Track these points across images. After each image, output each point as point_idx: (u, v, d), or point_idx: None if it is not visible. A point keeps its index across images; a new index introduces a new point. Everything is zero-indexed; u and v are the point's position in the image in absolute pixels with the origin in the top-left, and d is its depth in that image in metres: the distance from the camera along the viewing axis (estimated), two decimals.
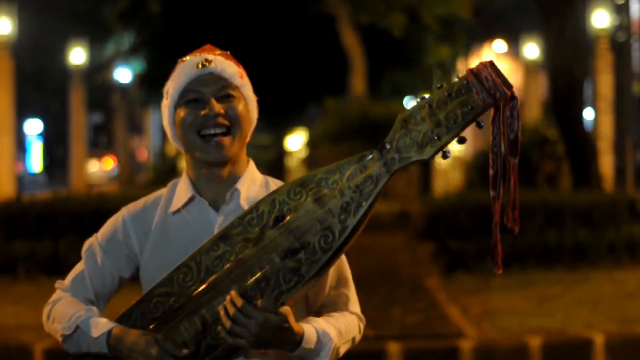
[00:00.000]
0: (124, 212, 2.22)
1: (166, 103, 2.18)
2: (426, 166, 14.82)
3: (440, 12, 15.78)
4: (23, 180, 28.49)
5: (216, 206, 2.14)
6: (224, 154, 2.10)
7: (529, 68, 22.96)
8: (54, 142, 35.45)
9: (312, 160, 14.72)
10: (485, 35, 25.97)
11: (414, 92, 23.62)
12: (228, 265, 2.01)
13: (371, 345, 5.80)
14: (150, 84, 18.71)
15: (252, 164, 2.21)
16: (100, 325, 2.09)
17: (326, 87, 16.80)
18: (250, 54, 12.84)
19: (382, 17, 14.78)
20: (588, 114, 16.42)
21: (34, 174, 34.78)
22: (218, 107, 2.10)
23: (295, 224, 1.97)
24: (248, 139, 2.18)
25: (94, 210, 8.61)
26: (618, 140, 15.23)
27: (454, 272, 8.55)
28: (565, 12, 11.53)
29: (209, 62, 2.16)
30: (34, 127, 35.35)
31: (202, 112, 2.10)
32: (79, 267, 2.25)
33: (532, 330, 6.25)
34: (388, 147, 1.97)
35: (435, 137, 1.93)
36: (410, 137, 1.95)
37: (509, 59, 29.38)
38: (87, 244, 2.26)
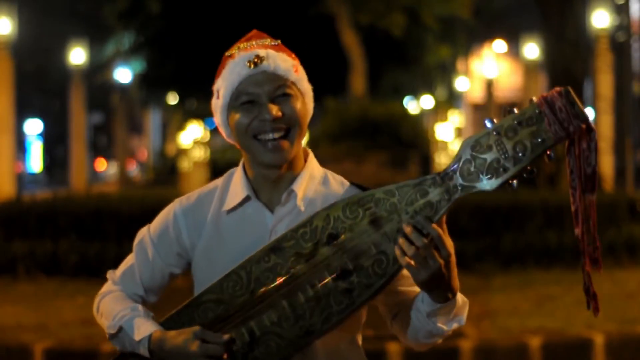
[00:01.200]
0: (177, 205, 2.13)
1: (218, 103, 2.05)
2: (426, 166, 14.83)
3: (440, 12, 15.77)
4: (23, 180, 28.49)
5: (271, 206, 2.05)
6: (282, 157, 2.00)
7: (529, 68, 22.97)
8: (54, 142, 35.44)
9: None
10: (485, 35, 25.99)
11: (414, 92, 23.63)
12: (279, 278, 1.95)
13: (371, 345, 5.79)
14: (150, 84, 18.71)
15: (311, 157, 2.11)
16: (143, 328, 2.03)
17: (326, 87, 16.80)
18: None
19: (382, 17, 14.78)
20: (588, 114, 16.42)
21: (34, 174, 34.79)
22: (275, 110, 1.98)
23: (350, 245, 1.91)
24: (305, 133, 2.07)
25: (94, 210, 8.62)
26: (618, 140, 15.24)
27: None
28: (565, 12, 11.54)
29: (261, 59, 2.02)
30: (34, 127, 35.36)
31: (260, 116, 1.98)
32: (130, 259, 2.17)
33: (532, 330, 6.25)
34: (451, 173, 1.88)
35: (502, 169, 1.83)
36: (474, 164, 1.85)
37: (509, 59, 29.39)
38: (139, 236, 2.17)
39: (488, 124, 1.85)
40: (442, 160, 15.87)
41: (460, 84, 28.65)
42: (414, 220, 1.86)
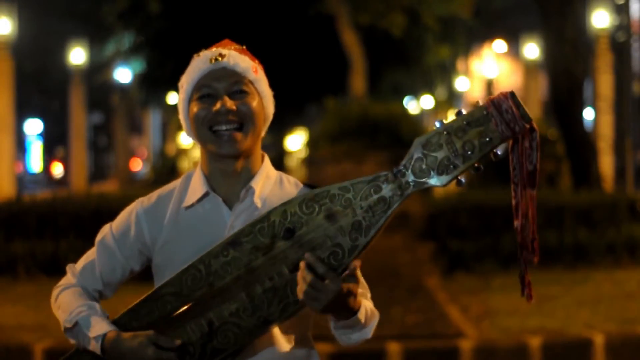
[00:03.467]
0: (138, 206, 2.23)
1: (181, 97, 2.17)
2: None
3: (440, 12, 15.77)
4: (23, 180, 28.48)
5: (230, 203, 2.14)
6: (236, 147, 2.10)
7: (529, 68, 22.97)
8: (54, 142, 35.44)
9: (312, 160, 14.76)
10: (485, 35, 25.97)
11: (414, 92, 23.62)
12: (237, 272, 2.02)
13: (371, 345, 5.80)
14: (150, 84, 18.70)
15: (267, 159, 2.20)
16: (98, 326, 2.11)
17: (326, 87, 16.78)
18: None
19: (382, 17, 14.77)
20: (588, 114, 16.42)
21: (34, 174, 34.78)
22: (230, 104, 2.10)
23: (306, 238, 1.98)
24: (263, 134, 2.18)
25: (94, 210, 8.61)
26: (618, 140, 15.23)
27: (454, 272, 8.55)
28: (565, 12, 11.53)
29: (222, 56, 2.14)
30: (34, 127, 35.35)
31: (214, 108, 2.10)
32: (90, 254, 2.26)
33: (532, 330, 6.25)
34: (403, 170, 1.97)
35: (452, 166, 1.93)
36: (426, 162, 1.95)
37: (509, 59, 29.39)
38: (101, 234, 2.26)
39: (438, 124, 1.95)
40: None
41: (460, 84, 28.64)
42: (308, 256, 1.95)
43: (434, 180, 1.94)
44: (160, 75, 17.80)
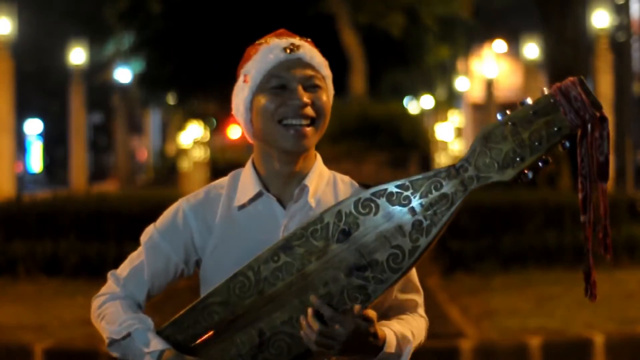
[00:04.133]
0: (183, 203, 2.10)
1: (244, 86, 2.02)
2: (426, 166, 14.83)
3: (440, 12, 15.77)
4: (23, 180, 28.49)
5: (283, 202, 2.04)
6: (304, 143, 1.99)
7: (529, 68, 22.98)
8: (54, 142, 35.44)
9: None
10: (485, 35, 25.98)
11: (414, 92, 23.62)
12: (289, 278, 1.91)
13: None
14: (150, 84, 18.70)
15: (319, 158, 2.10)
16: (155, 342, 2.00)
17: None
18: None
19: (381, 17, 14.78)
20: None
21: (34, 174, 34.78)
22: (307, 97, 1.98)
23: (362, 240, 1.88)
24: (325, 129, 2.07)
25: (94, 210, 8.61)
26: (618, 140, 15.23)
27: (454, 272, 8.55)
28: (565, 12, 11.54)
29: (297, 47, 2.03)
30: (34, 127, 35.35)
31: (289, 101, 1.97)
32: (135, 257, 2.12)
33: (532, 330, 6.25)
34: (466, 165, 1.87)
35: (518, 159, 1.82)
36: (490, 156, 1.84)
37: (509, 59, 29.39)
38: (145, 235, 2.12)
39: (500, 117, 1.85)
40: (442, 160, 15.88)
41: (460, 84, 28.64)
42: (314, 299, 1.87)
43: (499, 175, 1.84)
44: (160, 75, 17.81)
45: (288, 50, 2.01)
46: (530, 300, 7.27)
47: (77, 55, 21.02)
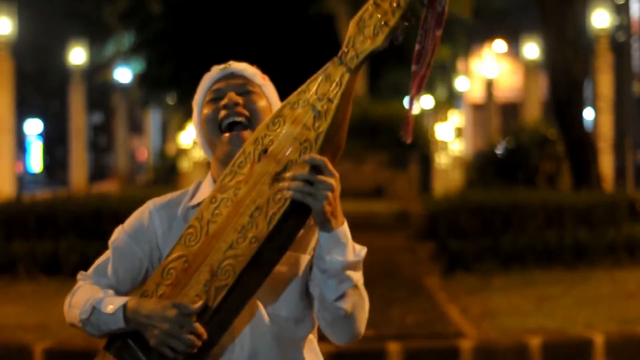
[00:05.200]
0: (150, 204, 2.26)
1: (195, 111, 2.25)
2: (426, 166, 14.82)
3: None
4: (23, 180, 28.49)
5: None
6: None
7: (529, 68, 22.96)
8: (54, 142, 35.45)
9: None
10: (485, 35, 25.97)
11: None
12: (226, 210, 2.06)
13: (371, 345, 5.80)
14: (150, 84, 18.71)
15: None
16: (115, 301, 2.10)
17: None
18: (249, 53, 12.81)
19: None
20: (588, 114, 16.42)
21: (34, 174, 34.78)
22: (236, 97, 2.17)
23: (277, 151, 2.04)
24: None
25: (94, 210, 8.61)
26: (618, 140, 15.23)
27: (454, 272, 8.55)
28: (565, 12, 11.53)
29: (230, 65, 2.24)
30: (34, 127, 35.36)
31: (221, 103, 2.17)
32: (103, 257, 2.26)
33: (532, 330, 6.25)
34: (346, 50, 2.05)
35: (383, 24, 2.01)
36: (363, 34, 2.03)
37: (509, 59, 29.39)
38: (114, 235, 2.27)
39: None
40: (442, 160, 15.91)
41: (460, 84, 28.64)
42: (301, 158, 2.00)
43: (372, 44, 2.02)
44: (160, 75, 17.82)
45: (222, 68, 2.24)
46: (530, 300, 7.27)
47: (77, 55, 21.02)
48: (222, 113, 2.16)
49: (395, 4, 2.00)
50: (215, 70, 2.24)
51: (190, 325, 2.01)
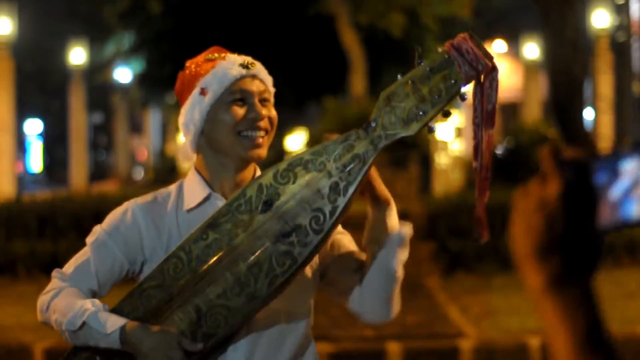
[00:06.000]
0: (132, 204, 2.19)
1: (201, 99, 2.13)
2: (426, 166, 14.82)
3: (440, 12, 15.77)
4: (23, 180, 28.48)
5: None
6: (261, 152, 2.13)
7: (529, 68, 22.96)
8: (54, 142, 35.44)
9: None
10: (485, 35, 25.96)
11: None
12: (219, 252, 2.00)
13: (371, 345, 5.80)
14: (150, 84, 18.70)
15: (257, 169, 2.23)
16: (111, 320, 2.05)
17: (326, 87, 16.80)
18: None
19: (381, 17, 14.78)
20: (588, 114, 16.42)
21: (34, 174, 34.78)
22: (265, 112, 2.13)
23: (284, 208, 1.97)
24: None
25: (94, 210, 8.62)
26: (618, 140, 15.23)
27: (454, 272, 8.55)
28: (565, 12, 11.53)
29: (252, 64, 2.17)
30: (34, 127, 35.35)
31: (249, 115, 2.12)
32: (80, 256, 2.20)
33: (532, 330, 6.25)
34: (374, 125, 1.97)
35: (421, 113, 1.94)
36: (395, 114, 1.95)
37: (509, 59, 29.40)
38: (93, 234, 2.20)
39: (400, 77, 1.97)
40: (442, 160, 15.91)
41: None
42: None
43: (405, 130, 1.95)
44: (160, 75, 17.81)
45: (245, 67, 2.15)
46: (530, 300, 7.26)
47: (77, 55, 21.01)
48: (247, 124, 2.11)
49: (436, 95, 1.93)
50: (236, 65, 2.15)
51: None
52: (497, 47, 27.26)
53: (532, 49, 22.64)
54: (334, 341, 5.75)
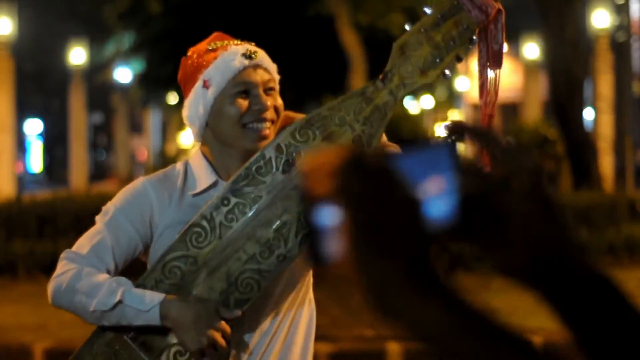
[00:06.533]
0: (144, 180, 2.15)
1: (204, 91, 2.10)
2: None
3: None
4: (23, 180, 28.49)
5: None
6: (266, 144, 2.09)
7: (529, 68, 22.97)
8: (54, 142, 35.45)
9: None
10: None
11: (413, 92, 23.64)
12: (243, 217, 1.96)
13: (371, 345, 5.80)
14: (150, 84, 18.70)
15: None
16: (149, 296, 2.00)
17: (326, 87, 16.80)
18: None
19: (381, 17, 14.78)
20: (588, 114, 16.43)
21: (34, 174, 34.78)
22: (270, 102, 2.09)
23: None
24: None
25: (94, 210, 8.61)
26: (618, 140, 15.23)
27: (454, 272, 8.55)
28: (565, 12, 11.54)
29: (255, 53, 2.13)
30: (34, 127, 35.36)
31: (254, 107, 2.08)
32: (95, 235, 2.13)
33: (532, 330, 6.25)
34: (390, 75, 1.96)
35: (437, 60, 1.93)
36: (411, 62, 1.95)
37: (509, 59, 29.40)
38: (106, 214, 2.14)
39: (407, 27, 1.96)
40: None
41: (460, 84, 28.65)
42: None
43: (422, 78, 1.95)
44: (160, 75, 17.81)
45: (248, 57, 2.11)
46: (530, 300, 7.27)
47: (77, 55, 21.02)
48: (252, 115, 2.08)
49: (451, 41, 1.93)
50: (238, 56, 2.10)
51: (219, 328, 1.97)
52: None
53: (532, 49, 22.65)
54: (333, 341, 5.75)
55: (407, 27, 1.96)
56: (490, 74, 2.05)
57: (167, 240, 2.07)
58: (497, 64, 2.04)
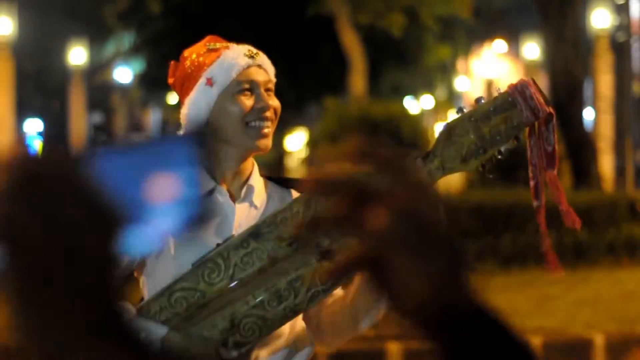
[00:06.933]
0: None
1: (207, 89, 2.13)
2: None
3: (440, 12, 15.77)
4: None
5: (232, 200, 2.15)
6: (267, 142, 2.14)
7: (529, 68, 22.98)
8: (54, 142, 35.43)
9: (312, 160, 14.72)
10: (485, 35, 25.98)
11: (414, 92, 23.63)
12: (260, 263, 1.96)
13: (371, 345, 5.80)
14: (150, 83, 18.70)
15: (255, 163, 2.23)
16: (152, 329, 1.99)
17: (326, 87, 16.79)
18: None
19: (381, 17, 14.78)
20: (588, 114, 16.43)
21: None
22: (272, 102, 2.13)
23: None
24: None
25: None
26: (618, 140, 15.24)
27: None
28: (565, 12, 11.54)
29: (256, 53, 2.18)
30: (34, 127, 35.37)
31: (256, 105, 2.11)
32: None
33: (532, 330, 6.25)
34: (432, 156, 1.97)
35: (480, 151, 1.95)
36: (454, 148, 1.96)
37: (509, 59, 29.39)
38: None
39: (460, 113, 1.99)
40: None
41: (460, 84, 28.64)
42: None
43: (462, 166, 1.96)
44: (160, 75, 17.79)
45: (250, 57, 2.15)
46: (530, 300, 7.27)
47: (77, 55, 21.03)
48: (255, 114, 2.10)
49: (497, 136, 1.94)
50: (242, 55, 2.14)
51: None
52: (497, 47, 27.27)
53: (532, 49, 22.67)
54: None
55: (457, 113, 2.00)
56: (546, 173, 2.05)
57: (168, 257, 2.07)
58: (551, 164, 2.04)
